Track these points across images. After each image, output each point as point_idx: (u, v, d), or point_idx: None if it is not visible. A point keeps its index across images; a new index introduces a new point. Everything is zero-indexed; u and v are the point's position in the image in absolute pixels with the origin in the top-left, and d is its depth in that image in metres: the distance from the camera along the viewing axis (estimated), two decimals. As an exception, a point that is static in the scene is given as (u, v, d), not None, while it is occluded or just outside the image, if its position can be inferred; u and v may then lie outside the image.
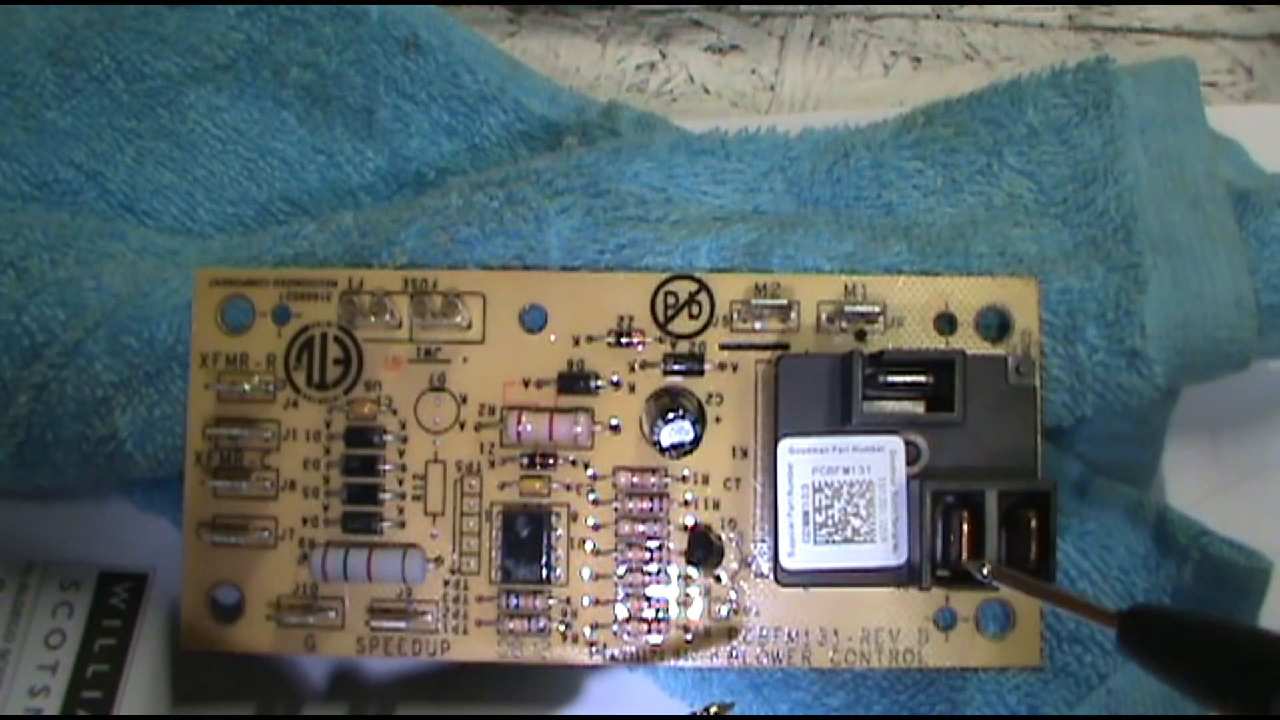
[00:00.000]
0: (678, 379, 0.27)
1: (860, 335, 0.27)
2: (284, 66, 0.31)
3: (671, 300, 0.27)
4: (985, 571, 0.24)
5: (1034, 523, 0.25)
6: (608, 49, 0.37)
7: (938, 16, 0.37)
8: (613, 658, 0.27)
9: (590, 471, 0.27)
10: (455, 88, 0.31)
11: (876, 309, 0.27)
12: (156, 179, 0.31)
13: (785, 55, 0.37)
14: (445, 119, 0.32)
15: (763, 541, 0.27)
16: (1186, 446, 0.30)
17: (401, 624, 0.27)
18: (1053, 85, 0.29)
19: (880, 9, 0.37)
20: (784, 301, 0.27)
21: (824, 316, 0.27)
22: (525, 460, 0.27)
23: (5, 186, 0.31)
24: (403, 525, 0.27)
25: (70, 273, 0.28)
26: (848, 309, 0.27)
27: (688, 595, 0.27)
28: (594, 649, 0.27)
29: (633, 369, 0.27)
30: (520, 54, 0.35)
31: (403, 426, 0.27)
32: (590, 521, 0.27)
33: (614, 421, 0.27)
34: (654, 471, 0.27)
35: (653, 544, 0.27)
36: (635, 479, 0.27)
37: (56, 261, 0.28)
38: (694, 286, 0.27)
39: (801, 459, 0.25)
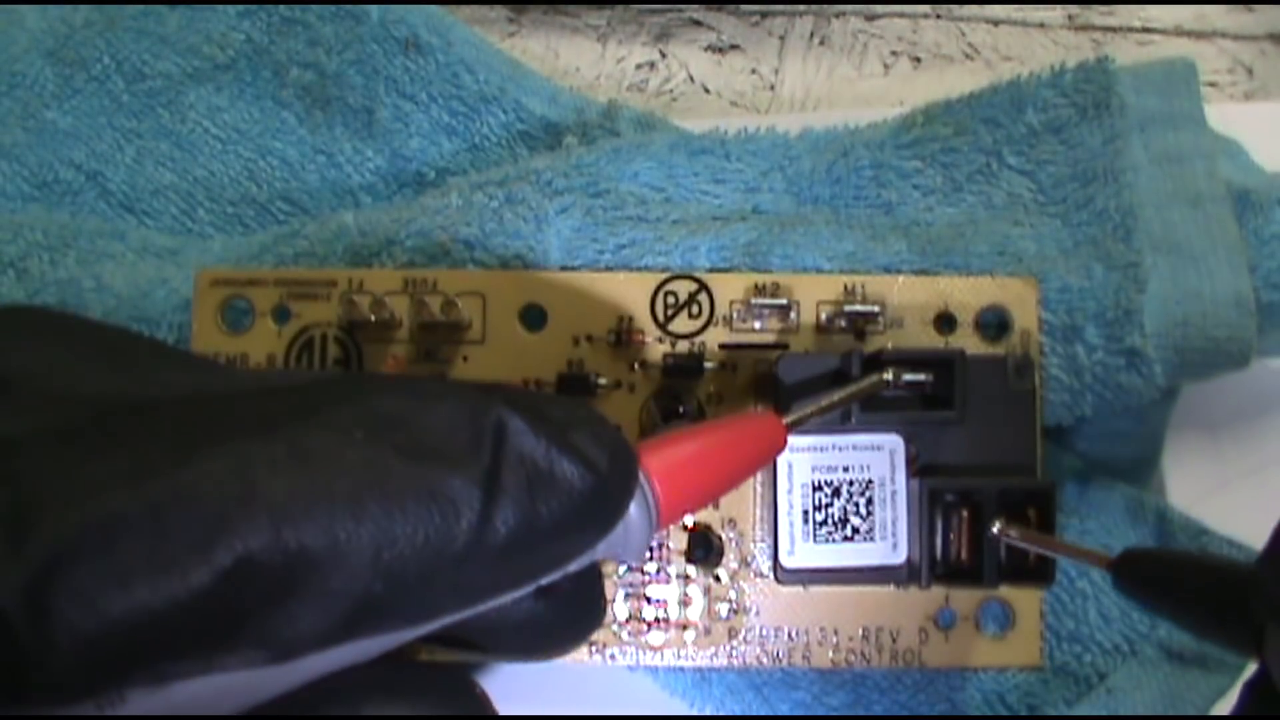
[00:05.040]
0: (678, 379, 0.27)
1: (860, 335, 0.27)
2: (284, 66, 0.31)
3: (671, 300, 0.27)
4: (995, 529, 0.25)
5: (1034, 522, 0.25)
6: (608, 49, 0.37)
7: (938, 16, 0.37)
8: (612, 658, 0.27)
9: (590, 471, 0.27)
10: (455, 88, 0.31)
11: (876, 309, 0.27)
12: (156, 179, 0.31)
13: (785, 55, 0.37)
14: (445, 119, 0.32)
15: (762, 540, 0.27)
16: (1186, 446, 0.30)
17: (401, 624, 0.27)
18: (1053, 85, 0.29)
19: (880, 9, 0.37)
20: (784, 301, 0.27)
21: (823, 316, 0.27)
22: (525, 460, 0.27)
23: (5, 186, 0.31)
24: (403, 525, 0.27)
25: (70, 273, 0.28)
26: (847, 309, 0.27)
27: (688, 595, 0.27)
28: (594, 649, 0.27)
29: (633, 369, 0.27)
30: (520, 54, 0.35)
31: (403, 426, 0.27)
32: (590, 521, 0.27)
33: (614, 421, 0.27)
34: (654, 471, 0.27)
35: (652, 543, 0.27)
36: (635, 479, 0.27)
37: (56, 261, 0.28)
38: (694, 286, 0.27)
39: (801, 458, 0.25)
